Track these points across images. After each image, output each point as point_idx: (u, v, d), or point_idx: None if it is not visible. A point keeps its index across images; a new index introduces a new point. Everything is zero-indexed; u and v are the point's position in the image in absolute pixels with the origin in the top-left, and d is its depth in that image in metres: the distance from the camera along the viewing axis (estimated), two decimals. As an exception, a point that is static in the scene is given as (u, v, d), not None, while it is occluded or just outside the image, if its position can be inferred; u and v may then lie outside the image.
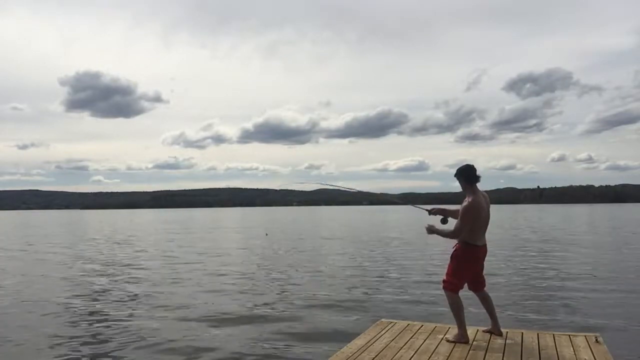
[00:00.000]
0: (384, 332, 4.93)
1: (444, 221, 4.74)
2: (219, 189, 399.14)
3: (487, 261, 4.86)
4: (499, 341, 4.53)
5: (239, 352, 5.96)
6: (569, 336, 4.68)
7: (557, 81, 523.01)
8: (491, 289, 5.75)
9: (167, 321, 7.55)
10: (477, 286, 4.71)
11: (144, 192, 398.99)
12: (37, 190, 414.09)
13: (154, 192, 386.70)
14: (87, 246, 22.73)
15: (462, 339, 4.50)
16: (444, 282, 4.57)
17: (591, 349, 4.24)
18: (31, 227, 46.64)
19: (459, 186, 4.64)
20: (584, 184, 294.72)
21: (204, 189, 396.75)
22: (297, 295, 9.60)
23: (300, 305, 8.65)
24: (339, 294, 9.60)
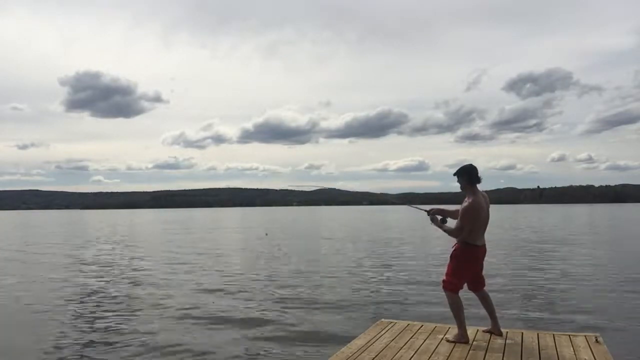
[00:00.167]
0: (384, 332, 4.93)
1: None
2: (219, 189, 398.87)
3: (487, 261, 4.87)
4: (499, 341, 4.53)
5: (239, 353, 5.96)
6: (569, 336, 4.68)
7: (557, 81, 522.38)
8: (491, 289, 5.76)
9: (167, 323, 7.55)
10: (477, 286, 4.71)
11: (144, 192, 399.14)
12: (37, 190, 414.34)
13: (154, 192, 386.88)
14: (86, 247, 22.74)
15: (462, 339, 4.50)
16: (444, 282, 4.58)
17: (591, 349, 4.24)
18: (31, 227, 46.67)
19: (459, 186, 4.64)
20: (584, 184, 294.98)
21: (204, 189, 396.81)
22: (297, 295, 9.60)
23: (300, 305, 8.65)
24: (339, 294, 9.61)
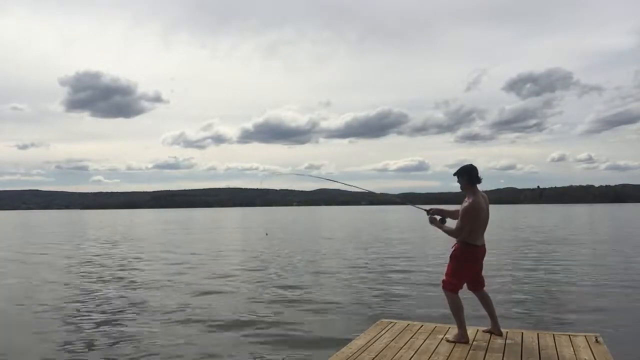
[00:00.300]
0: (384, 332, 4.93)
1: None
2: (219, 189, 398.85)
3: (487, 261, 4.87)
4: (499, 341, 4.53)
5: (239, 353, 5.96)
6: (569, 336, 4.68)
7: (557, 81, 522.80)
8: (491, 289, 5.76)
9: (166, 324, 7.54)
10: (477, 286, 4.71)
11: (144, 192, 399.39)
12: (37, 190, 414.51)
13: (154, 192, 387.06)
14: (86, 247, 22.74)
15: (462, 339, 4.50)
16: (444, 282, 4.58)
17: (591, 349, 4.24)
18: (31, 227, 46.66)
19: (459, 186, 4.64)
20: (584, 184, 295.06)
21: (204, 189, 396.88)
22: (297, 295, 9.60)
23: (300, 305, 8.65)
24: (339, 294, 9.61)
